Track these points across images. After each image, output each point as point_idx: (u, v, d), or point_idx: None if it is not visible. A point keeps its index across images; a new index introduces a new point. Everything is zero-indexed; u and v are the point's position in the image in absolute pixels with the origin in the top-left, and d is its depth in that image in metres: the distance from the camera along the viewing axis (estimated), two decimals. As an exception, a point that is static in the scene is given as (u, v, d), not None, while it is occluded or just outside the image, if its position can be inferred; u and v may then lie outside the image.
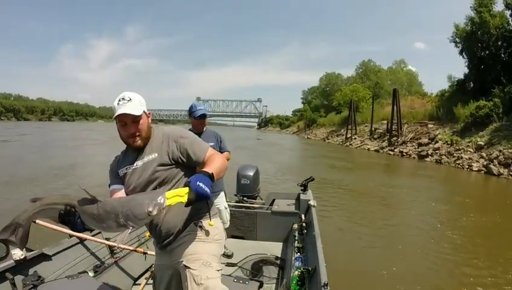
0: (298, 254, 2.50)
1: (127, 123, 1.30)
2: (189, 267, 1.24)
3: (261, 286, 2.05)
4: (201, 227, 1.37)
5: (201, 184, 1.04)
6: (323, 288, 1.58)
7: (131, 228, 1.03)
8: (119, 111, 1.28)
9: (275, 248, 3.11)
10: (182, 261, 1.28)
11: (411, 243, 4.57)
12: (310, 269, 2.04)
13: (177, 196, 1.02)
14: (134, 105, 1.30)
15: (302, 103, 64.48)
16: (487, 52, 19.07)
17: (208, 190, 1.05)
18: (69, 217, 1.05)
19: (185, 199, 1.04)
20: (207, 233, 1.37)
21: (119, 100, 1.30)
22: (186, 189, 1.04)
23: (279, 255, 2.97)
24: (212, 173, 1.12)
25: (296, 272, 2.10)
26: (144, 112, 1.33)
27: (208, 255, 1.30)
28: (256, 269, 2.71)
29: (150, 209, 0.96)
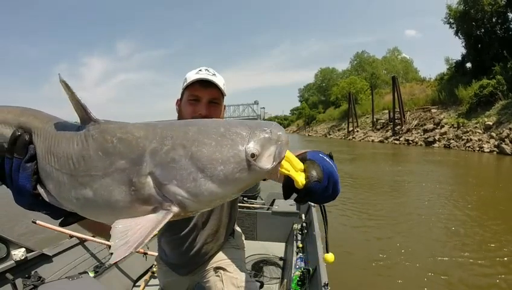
0: (299, 254, 2.49)
1: (202, 100, 1.05)
2: (225, 270, 1.19)
3: (261, 286, 2.01)
4: (232, 233, 1.35)
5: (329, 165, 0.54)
6: (324, 288, 1.59)
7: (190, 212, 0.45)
8: (202, 76, 1.04)
9: (275, 248, 3.07)
10: (210, 267, 1.22)
11: (427, 240, 4.23)
12: (311, 269, 2.04)
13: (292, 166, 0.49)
14: (221, 82, 1.09)
15: (300, 101, 64.23)
16: (483, 30, 18.75)
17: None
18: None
19: (300, 181, 0.49)
20: (238, 239, 1.37)
21: (200, 70, 1.08)
22: (304, 165, 0.50)
23: (280, 256, 2.93)
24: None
25: (297, 272, 2.09)
26: (223, 100, 1.13)
27: (241, 261, 1.28)
28: (256, 269, 2.68)
29: (254, 149, 0.41)
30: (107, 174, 0.42)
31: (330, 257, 0.81)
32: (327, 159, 0.54)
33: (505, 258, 3.58)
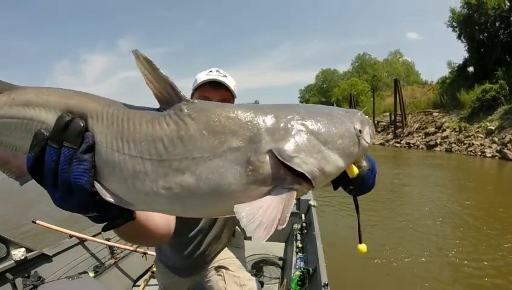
0: (298, 254, 2.49)
1: (212, 100, 1.00)
2: (227, 269, 1.20)
3: (261, 286, 2.03)
4: (234, 234, 1.36)
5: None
6: (324, 288, 1.60)
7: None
8: (212, 77, 1.03)
9: (275, 248, 3.06)
10: (212, 266, 1.22)
11: (424, 243, 4.25)
12: (310, 269, 2.04)
13: None
14: (231, 83, 1.09)
15: (300, 101, 64.18)
16: (486, 34, 18.71)
17: None
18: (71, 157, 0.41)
19: (355, 170, 0.59)
20: (238, 239, 1.39)
21: (211, 70, 1.08)
22: None
23: (280, 255, 2.93)
24: None
25: (297, 272, 2.09)
26: (233, 101, 1.13)
27: (242, 260, 1.30)
28: (256, 269, 2.68)
29: (358, 126, 0.45)
30: (217, 155, 0.37)
31: (363, 247, 0.84)
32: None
33: (502, 262, 3.59)
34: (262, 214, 0.35)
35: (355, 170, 0.58)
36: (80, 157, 0.40)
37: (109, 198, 0.40)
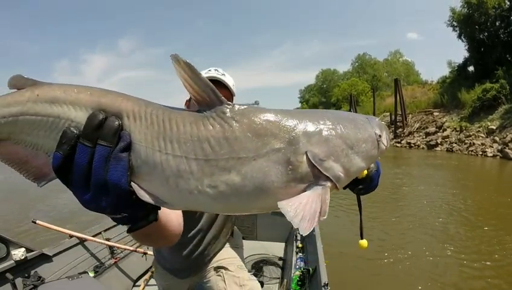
0: (298, 254, 2.48)
1: None
2: (227, 269, 1.19)
3: (261, 286, 2.06)
4: (232, 233, 1.36)
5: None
6: (324, 288, 1.60)
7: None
8: (211, 76, 1.05)
9: (275, 248, 3.07)
10: (211, 267, 1.22)
11: (423, 243, 4.24)
12: (310, 269, 2.04)
13: None
14: (230, 82, 1.10)
15: (300, 102, 64.18)
16: (486, 33, 18.69)
17: None
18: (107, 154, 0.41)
19: (363, 172, 0.71)
20: (237, 239, 1.39)
21: (209, 70, 1.10)
22: None
23: (280, 255, 2.93)
24: None
25: (297, 272, 2.09)
26: (232, 100, 1.14)
27: (240, 260, 1.29)
28: (256, 269, 2.67)
29: (378, 131, 0.50)
30: (260, 156, 0.40)
31: (364, 242, 0.86)
32: None
33: (503, 262, 3.59)
34: (303, 209, 0.38)
35: (365, 171, 0.64)
36: (118, 156, 0.39)
37: (146, 197, 0.40)
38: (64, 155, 0.40)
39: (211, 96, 0.42)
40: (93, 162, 0.39)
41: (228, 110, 0.42)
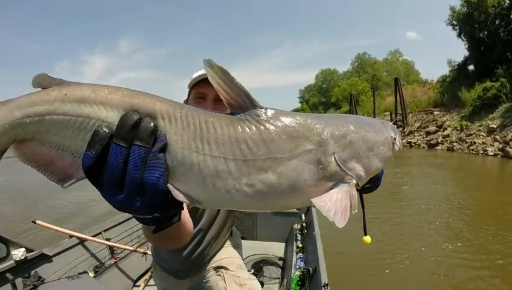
0: (299, 254, 2.49)
1: (208, 98, 1.04)
2: (227, 269, 1.19)
3: (261, 286, 2.12)
4: (231, 233, 1.37)
5: None
6: (324, 288, 1.60)
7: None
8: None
9: (275, 248, 3.06)
10: (211, 267, 1.22)
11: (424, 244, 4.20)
12: (310, 269, 2.04)
13: None
14: None
15: (300, 102, 64.18)
16: (486, 32, 18.68)
17: None
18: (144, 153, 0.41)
19: None
20: (236, 239, 1.41)
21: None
22: None
23: (280, 255, 2.93)
24: None
25: (297, 272, 2.08)
26: None
27: (240, 260, 1.30)
28: (256, 269, 2.67)
29: (392, 134, 0.56)
30: (295, 156, 0.43)
31: (367, 239, 0.88)
32: None
33: (503, 261, 3.58)
34: (335, 204, 0.41)
35: None
36: (156, 156, 0.39)
37: (181, 197, 0.41)
38: (96, 155, 0.39)
39: (245, 100, 0.44)
40: (129, 162, 0.39)
41: (262, 113, 0.44)
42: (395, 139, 0.54)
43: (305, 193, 0.44)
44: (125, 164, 0.39)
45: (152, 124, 0.40)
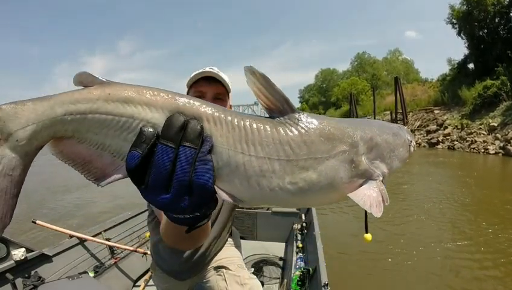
0: (299, 254, 2.50)
1: (207, 96, 1.06)
2: (227, 268, 1.20)
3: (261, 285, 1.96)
4: (231, 233, 1.38)
5: None
6: (324, 288, 1.60)
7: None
8: (207, 72, 1.06)
9: (275, 248, 3.07)
10: (211, 267, 1.22)
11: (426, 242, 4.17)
12: (311, 269, 2.04)
13: None
14: (225, 78, 1.11)
15: (300, 102, 64.14)
16: (486, 30, 18.68)
17: None
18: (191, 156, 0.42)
19: None
20: (235, 238, 1.41)
21: (204, 69, 1.10)
22: None
23: (280, 255, 2.93)
24: None
25: (297, 272, 2.09)
26: (228, 97, 1.14)
27: (239, 259, 1.30)
28: (256, 269, 2.67)
29: (409, 137, 0.63)
30: (332, 156, 0.47)
31: (368, 236, 0.95)
32: None
33: (505, 260, 3.55)
34: (369, 198, 0.46)
35: None
36: (205, 157, 0.41)
37: (225, 196, 0.44)
38: (143, 155, 0.40)
39: (284, 105, 0.47)
40: (178, 162, 0.40)
41: (301, 117, 0.48)
42: (411, 141, 0.60)
43: (341, 189, 0.48)
44: (172, 164, 0.40)
45: (199, 126, 0.42)
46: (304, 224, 2.91)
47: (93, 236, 2.40)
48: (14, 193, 0.42)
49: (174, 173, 0.40)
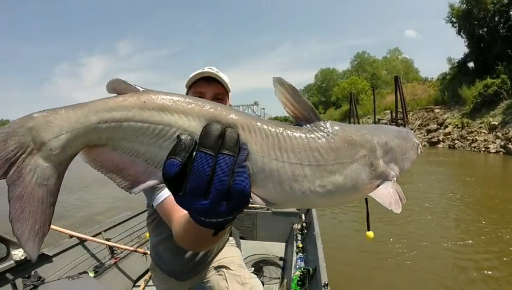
0: (299, 254, 2.50)
1: (206, 96, 1.05)
2: (228, 268, 1.20)
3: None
4: (231, 233, 1.39)
5: None
6: (324, 288, 1.60)
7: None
8: (206, 72, 1.06)
9: (275, 248, 3.07)
10: (211, 267, 1.22)
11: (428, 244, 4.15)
12: (311, 269, 2.04)
13: None
14: (225, 78, 1.11)
15: (300, 101, 63.79)
16: (485, 29, 18.68)
17: None
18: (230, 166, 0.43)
19: None
20: (235, 238, 1.42)
21: (203, 69, 1.10)
22: None
23: (280, 255, 2.93)
24: None
25: (297, 272, 2.09)
26: (227, 96, 1.14)
27: (240, 259, 1.31)
28: (256, 269, 2.67)
29: (416, 140, 0.68)
30: (355, 160, 0.51)
31: (370, 234, 0.99)
32: None
33: (507, 259, 3.54)
34: (388, 197, 0.52)
35: None
36: (243, 164, 0.43)
37: (259, 200, 0.46)
38: (183, 162, 0.41)
39: (310, 114, 0.50)
40: (217, 170, 0.41)
41: (326, 125, 0.51)
42: (418, 144, 0.65)
43: (362, 190, 0.52)
44: (212, 171, 0.41)
45: (236, 135, 0.43)
46: (304, 224, 2.90)
47: (93, 236, 2.39)
48: (51, 202, 0.42)
49: (212, 180, 0.41)
